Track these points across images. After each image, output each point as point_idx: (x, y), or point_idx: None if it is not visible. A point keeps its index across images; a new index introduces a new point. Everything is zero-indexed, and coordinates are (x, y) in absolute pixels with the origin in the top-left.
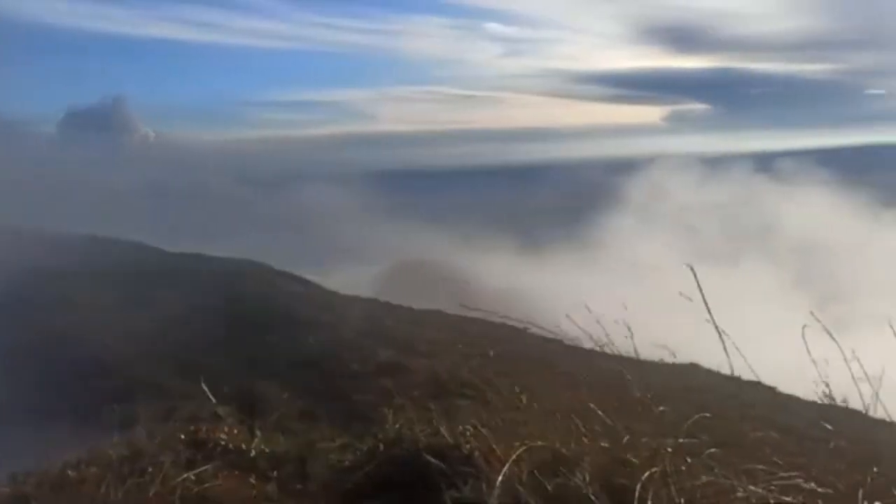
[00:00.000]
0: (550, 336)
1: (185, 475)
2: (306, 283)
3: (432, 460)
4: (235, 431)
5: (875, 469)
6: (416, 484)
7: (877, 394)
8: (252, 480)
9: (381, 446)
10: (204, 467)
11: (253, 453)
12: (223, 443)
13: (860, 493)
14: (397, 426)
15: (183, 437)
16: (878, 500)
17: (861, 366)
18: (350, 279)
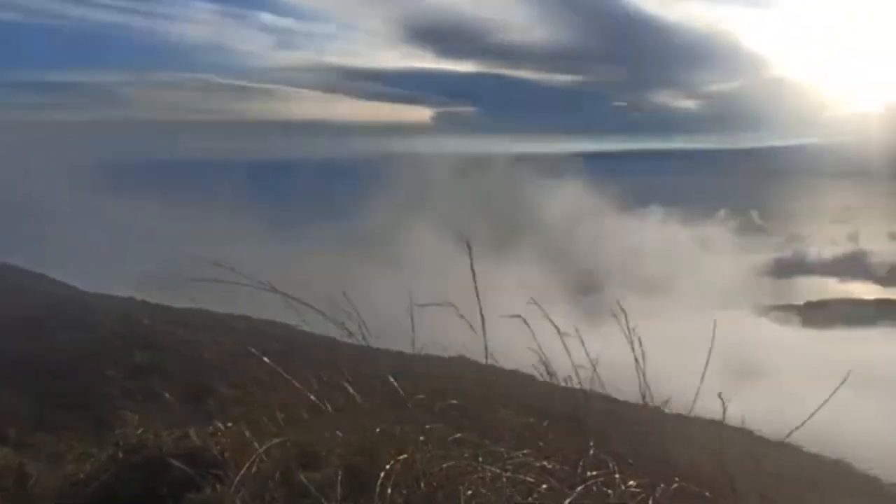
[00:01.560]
0: (320, 333)
1: None
2: (56, 282)
3: (176, 464)
4: None
5: (593, 443)
6: (155, 490)
7: (597, 375)
8: None
9: (121, 453)
10: None
11: None
12: None
13: (580, 464)
14: (139, 431)
15: None
16: (595, 469)
17: (585, 350)
18: (102, 278)
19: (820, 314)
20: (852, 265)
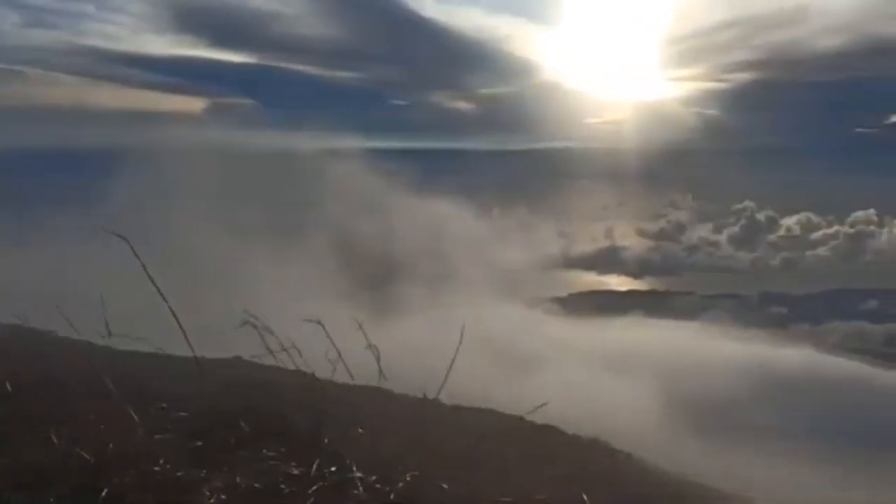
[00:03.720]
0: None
1: None
2: None
3: None
4: None
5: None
6: None
7: (344, 366)
8: None
9: None
10: None
11: None
12: None
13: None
14: None
15: None
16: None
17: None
18: None
19: (582, 305)
20: (608, 259)
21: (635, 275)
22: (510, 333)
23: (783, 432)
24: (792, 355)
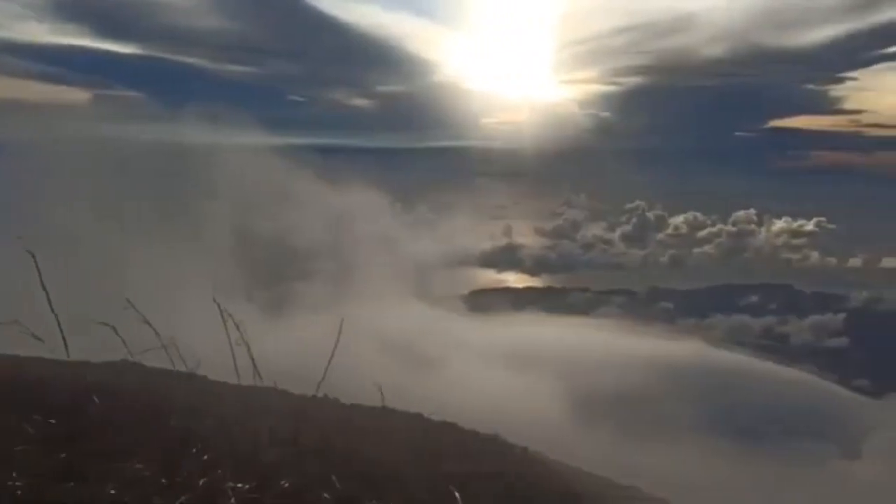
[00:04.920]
0: None
1: None
2: None
3: None
4: None
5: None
6: None
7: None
8: None
9: None
10: None
11: None
12: None
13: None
14: None
15: None
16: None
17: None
18: None
19: (481, 302)
20: (507, 257)
21: (533, 272)
22: (410, 331)
23: (680, 424)
24: (681, 349)
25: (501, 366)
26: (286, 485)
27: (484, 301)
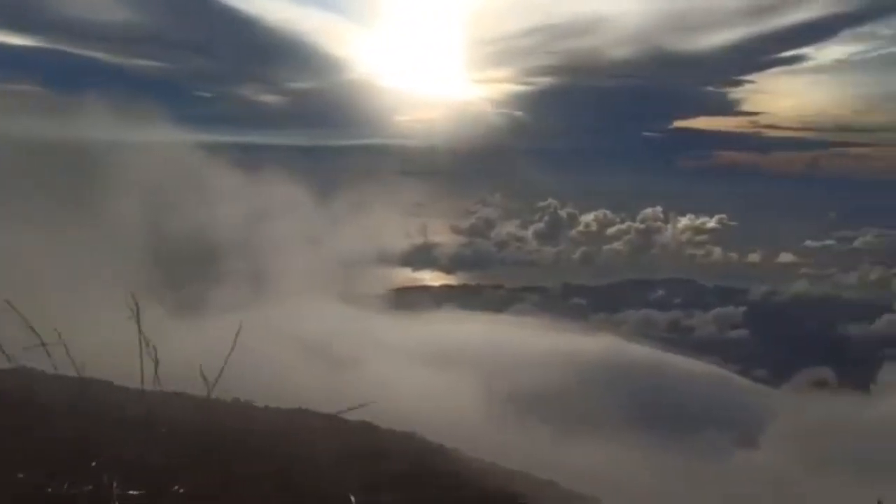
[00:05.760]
0: None
1: None
2: None
3: None
4: None
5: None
6: None
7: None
8: None
9: None
10: None
11: None
12: None
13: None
14: None
15: None
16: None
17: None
18: None
19: (398, 301)
20: (422, 255)
21: (449, 270)
22: (326, 330)
23: (596, 418)
24: (595, 343)
25: (419, 364)
26: (181, 490)
27: (401, 299)
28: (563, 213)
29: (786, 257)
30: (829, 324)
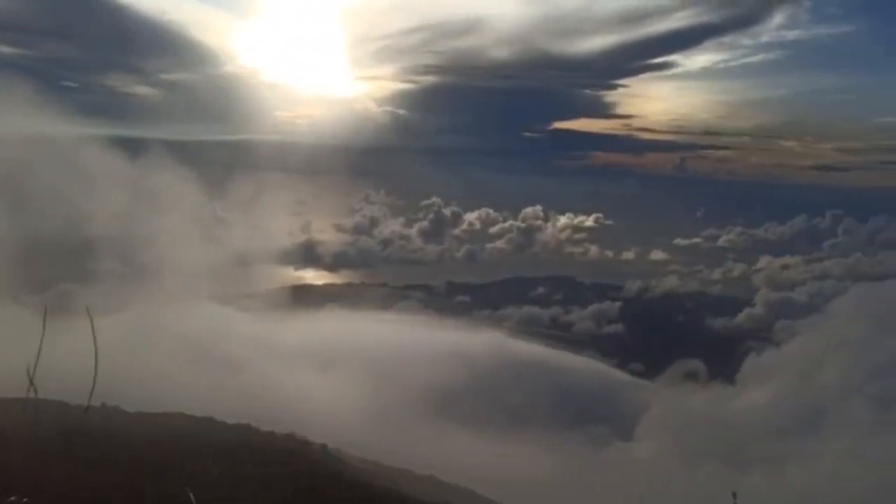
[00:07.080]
0: None
1: None
2: None
3: None
4: None
5: None
6: None
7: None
8: None
9: None
10: None
11: None
12: None
13: None
14: None
15: None
16: None
17: None
18: None
19: (279, 300)
20: (305, 254)
21: (332, 268)
22: (204, 331)
23: (481, 414)
24: (480, 340)
25: (302, 364)
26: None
27: (281, 299)
28: (446, 211)
29: (657, 255)
30: (697, 318)
